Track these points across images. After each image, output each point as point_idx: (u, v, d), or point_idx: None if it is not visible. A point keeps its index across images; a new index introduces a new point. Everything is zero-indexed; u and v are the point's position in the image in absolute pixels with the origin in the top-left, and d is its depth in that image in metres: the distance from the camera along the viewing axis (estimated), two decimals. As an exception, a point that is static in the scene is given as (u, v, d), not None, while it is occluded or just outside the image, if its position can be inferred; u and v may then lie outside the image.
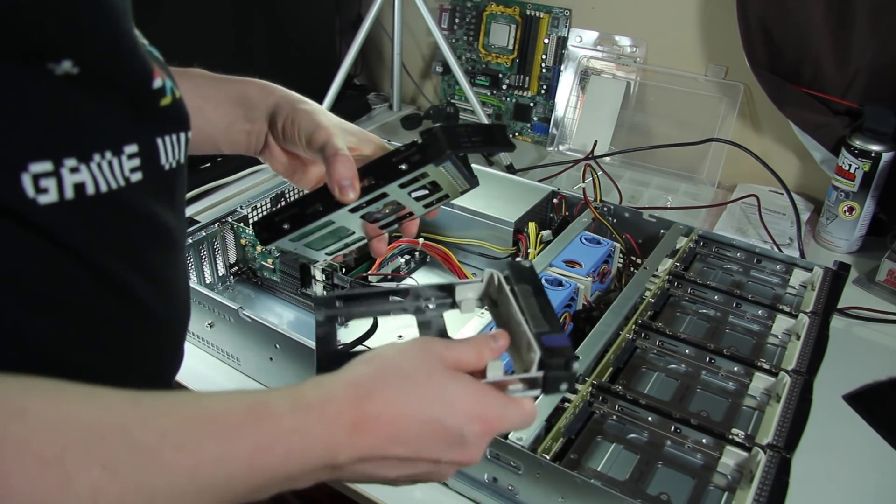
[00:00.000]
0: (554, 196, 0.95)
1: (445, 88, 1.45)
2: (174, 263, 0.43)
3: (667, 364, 0.71)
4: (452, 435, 0.38)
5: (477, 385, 0.39)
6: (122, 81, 0.36)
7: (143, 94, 0.37)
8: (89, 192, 0.35)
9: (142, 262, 0.39)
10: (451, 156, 0.50)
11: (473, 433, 0.38)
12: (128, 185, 0.37)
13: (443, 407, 0.38)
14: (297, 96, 0.59)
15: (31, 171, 0.32)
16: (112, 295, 0.38)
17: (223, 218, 0.86)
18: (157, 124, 0.39)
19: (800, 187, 1.16)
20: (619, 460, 0.61)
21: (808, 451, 0.60)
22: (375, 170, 0.52)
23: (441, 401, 0.38)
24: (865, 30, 0.96)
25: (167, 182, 0.41)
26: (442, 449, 0.38)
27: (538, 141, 1.36)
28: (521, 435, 0.56)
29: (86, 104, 0.34)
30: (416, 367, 0.38)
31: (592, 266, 0.79)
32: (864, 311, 0.87)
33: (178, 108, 0.41)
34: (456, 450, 0.38)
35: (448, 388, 0.38)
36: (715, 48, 1.16)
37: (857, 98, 1.00)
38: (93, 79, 0.34)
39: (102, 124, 0.35)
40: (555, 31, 1.29)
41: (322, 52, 1.36)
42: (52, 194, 0.33)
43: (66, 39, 0.32)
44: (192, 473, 0.30)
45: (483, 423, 0.38)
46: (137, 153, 0.37)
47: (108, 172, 0.35)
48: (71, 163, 0.34)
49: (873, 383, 0.77)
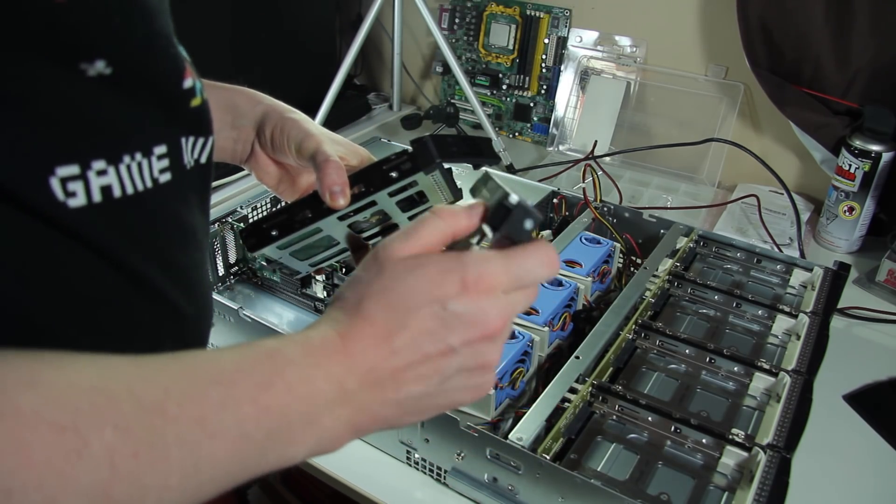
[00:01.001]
0: (554, 196, 0.95)
1: (445, 88, 1.45)
2: (200, 264, 0.43)
3: (667, 364, 0.71)
4: (440, 311, 0.35)
5: (440, 254, 0.37)
6: (154, 81, 0.36)
7: (175, 94, 0.38)
8: (116, 195, 0.35)
9: (170, 263, 0.40)
10: (441, 164, 0.51)
11: (455, 295, 0.35)
12: (156, 186, 0.37)
13: (413, 290, 0.35)
14: (285, 106, 0.59)
15: (58, 174, 0.32)
16: (143, 296, 0.38)
17: (223, 218, 0.86)
18: (184, 126, 0.39)
19: (800, 187, 1.16)
20: (619, 460, 0.61)
21: (808, 451, 0.60)
22: (365, 178, 0.53)
23: (408, 286, 0.35)
24: (865, 30, 0.96)
25: (190, 182, 0.41)
26: (442, 332, 0.35)
27: (538, 141, 1.36)
28: (521, 435, 0.56)
29: (117, 106, 0.34)
30: (375, 272, 0.36)
31: (592, 266, 0.79)
32: (864, 311, 0.87)
33: (206, 110, 0.41)
34: (458, 327, 0.35)
35: (411, 274, 0.36)
36: (715, 48, 1.16)
37: (857, 98, 1.00)
38: (125, 79, 0.34)
39: (133, 126, 0.35)
40: (555, 31, 1.29)
41: (322, 52, 1.36)
42: (80, 198, 0.33)
43: (99, 39, 0.32)
44: (200, 423, 0.29)
45: (460, 283, 0.35)
46: (166, 154, 0.37)
47: (136, 174, 0.36)
48: (99, 165, 0.34)
49: (873, 383, 0.77)
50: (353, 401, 0.34)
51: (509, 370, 0.64)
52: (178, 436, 0.29)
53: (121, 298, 0.37)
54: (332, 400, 0.34)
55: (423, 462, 0.64)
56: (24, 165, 0.32)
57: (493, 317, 0.36)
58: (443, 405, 0.38)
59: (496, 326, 0.36)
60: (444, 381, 0.36)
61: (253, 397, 0.31)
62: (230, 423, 0.30)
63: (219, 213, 0.88)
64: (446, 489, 0.63)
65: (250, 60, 1.17)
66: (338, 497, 0.65)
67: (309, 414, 0.33)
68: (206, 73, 0.48)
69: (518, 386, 0.66)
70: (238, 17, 1.13)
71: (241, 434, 0.31)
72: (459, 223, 0.38)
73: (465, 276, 0.35)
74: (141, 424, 0.28)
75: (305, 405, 0.33)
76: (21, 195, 0.32)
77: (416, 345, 0.35)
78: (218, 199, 1.05)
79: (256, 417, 0.31)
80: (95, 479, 0.26)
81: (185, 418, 0.29)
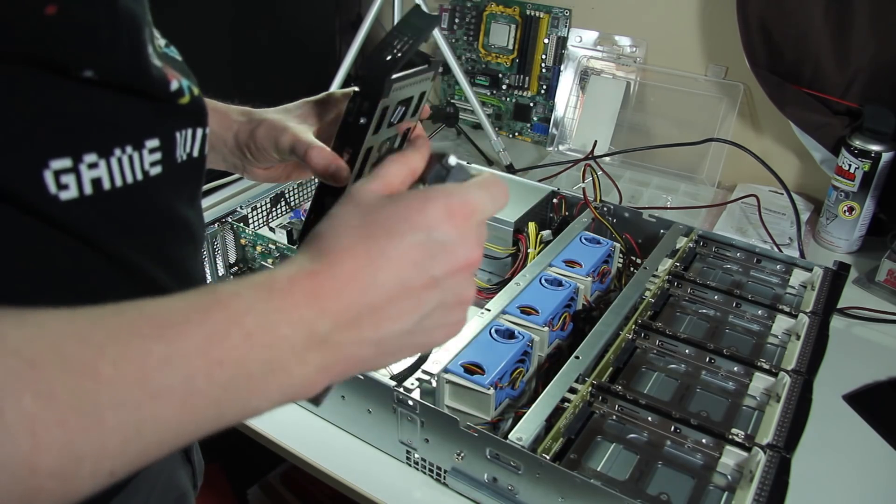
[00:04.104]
0: (554, 196, 0.95)
1: (445, 88, 1.45)
2: (193, 254, 0.44)
3: (667, 364, 0.71)
4: (424, 240, 0.34)
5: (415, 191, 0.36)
6: (141, 86, 0.36)
7: (163, 97, 0.38)
8: (105, 187, 0.35)
9: (162, 254, 0.40)
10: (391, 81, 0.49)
11: (440, 222, 0.34)
12: (146, 178, 0.37)
13: (395, 217, 0.34)
14: (247, 116, 0.58)
15: (52, 167, 0.32)
16: (137, 288, 0.38)
17: (223, 218, 0.86)
18: (177, 120, 0.39)
19: (800, 187, 1.16)
20: (619, 460, 0.61)
21: (808, 451, 0.60)
22: (344, 139, 0.51)
23: (390, 214, 0.34)
24: (865, 30, 0.96)
25: (182, 175, 0.41)
26: (426, 263, 0.34)
27: (538, 141, 1.36)
28: (521, 435, 0.56)
29: (107, 103, 0.35)
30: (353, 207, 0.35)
31: (592, 266, 0.79)
32: (864, 311, 0.87)
33: (197, 104, 0.41)
34: (442, 257, 0.34)
35: (392, 202, 0.35)
36: (715, 48, 1.16)
37: (857, 98, 1.00)
38: (112, 83, 0.34)
39: (123, 120, 0.36)
40: (555, 31, 1.29)
41: (322, 52, 1.36)
42: (72, 190, 0.33)
43: (87, 50, 0.32)
44: (140, 383, 0.27)
45: (445, 210, 0.34)
46: (159, 147, 0.38)
47: (126, 167, 0.36)
48: (90, 158, 0.34)
49: (873, 383, 0.77)
50: (325, 344, 0.32)
51: (509, 370, 0.64)
52: (113, 398, 0.26)
53: (112, 289, 0.37)
54: (299, 346, 0.31)
55: (422, 462, 0.64)
56: (19, 160, 0.32)
57: (473, 245, 0.35)
58: (420, 344, 0.36)
59: (477, 255, 0.36)
60: (423, 318, 0.35)
61: (203, 350, 0.28)
62: (176, 381, 0.28)
63: (219, 212, 0.88)
64: (446, 489, 0.63)
65: (250, 60, 1.17)
66: (338, 497, 0.65)
67: (271, 363, 0.30)
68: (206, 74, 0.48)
69: (518, 386, 0.66)
70: (238, 17, 1.13)
71: (191, 391, 0.28)
72: (418, 163, 0.39)
73: (449, 203, 0.34)
74: (67, 389, 0.26)
75: (267, 354, 0.30)
76: (15, 189, 0.32)
77: (399, 277, 0.33)
78: (218, 198, 1.05)
79: (208, 372, 0.28)
80: (13, 452, 0.24)
81: (122, 379, 0.27)
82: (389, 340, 0.34)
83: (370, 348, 0.33)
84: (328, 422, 0.70)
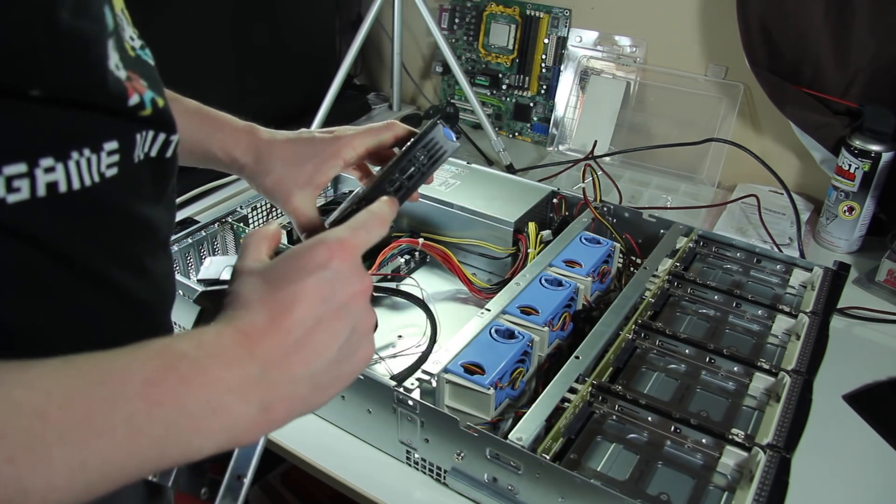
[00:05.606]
0: (554, 196, 0.95)
1: (445, 88, 1.45)
2: (153, 252, 0.44)
3: (667, 364, 0.71)
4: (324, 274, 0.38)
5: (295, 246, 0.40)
6: (94, 101, 0.36)
7: (120, 110, 0.38)
8: (62, 190, 0.35)
9: (119, 252, 0.40)
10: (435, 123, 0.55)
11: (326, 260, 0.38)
12: (102, 180, 0.37)
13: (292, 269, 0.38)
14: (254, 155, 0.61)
15: (4, 173, 0.32)
16: (88, 285, 0.38)
17: (223, 218, 0.86)
18: (138, 125, 0.39)
19: (800, 187, 1.16)
20: (618, 460, 0.61)
21: (808, 451, 0.60)
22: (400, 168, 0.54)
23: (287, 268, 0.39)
24: (865, 30, 0.96)
25: (140, 175, 0.41)
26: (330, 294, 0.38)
27: (538, 141, 1.36)
28: (521, 435, 0.56)
29: (62, 112, 0.34)
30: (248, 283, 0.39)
31: (592, 266, 0.79)
32: (864, 311, 0.87)
33: (160, 115, 0.41)
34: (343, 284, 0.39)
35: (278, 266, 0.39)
36: (715, 48, 1.16)
37: (857, 98, 1.00)
38: (64, 99, 0.34)
39: (80, 126, 0.35)
40: (555, 31, 1.29)
41: (322, 52, 1.36)
42: (23, 192, 0.33)
43: (29, 73, 0.32)
44: (85, 422, 0.29)
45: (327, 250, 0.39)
46: (117, 149, 0.38)
47: (84, 170, 0.36)
48: (47, 162, 0.34)
49: (873, 383, 0.77)
50: (261, 383, 0.35)
51: (509, 370, 0.64)
52: (60, 436, 0.29)
53: (64, 289, 0.37)
54: (235, 386, 0.34)
55: (422, 462, 0.64)
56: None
57: (362, 274, 0.40)
58: (347, 373, 0.40)
59: (368, 283, 0.41)
60: (343, 345, 0.38)
61: (143, 393, 0.31)
62: (118, 420, 0.30)
63: (219, 212, 0.88)
64: (446, 489, 0.63)
65: (251, 61, 1.17)
66: (338, 497, 0.65)
67: (210, 402, 0.33)
68: (206, 74, 0.48)
69: (518, 386, 0.66)
70: (238, 17, 1.13)
71: (134, 429, 0.30)
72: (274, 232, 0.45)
73: (329, 245, 0.39)
74: (17, 429, 0.28)
75: (205, 394, 0.33)
76: None
77: (312, 314, 0.37)
78: (218, 198, 1.05)
79: (148, 411, 0.31)
80: None
81: (68, 419, 0.29)
82: (320, 373, 0.37)
83: (305, 384, 0.37)
84: (328, 422, 0.70)
